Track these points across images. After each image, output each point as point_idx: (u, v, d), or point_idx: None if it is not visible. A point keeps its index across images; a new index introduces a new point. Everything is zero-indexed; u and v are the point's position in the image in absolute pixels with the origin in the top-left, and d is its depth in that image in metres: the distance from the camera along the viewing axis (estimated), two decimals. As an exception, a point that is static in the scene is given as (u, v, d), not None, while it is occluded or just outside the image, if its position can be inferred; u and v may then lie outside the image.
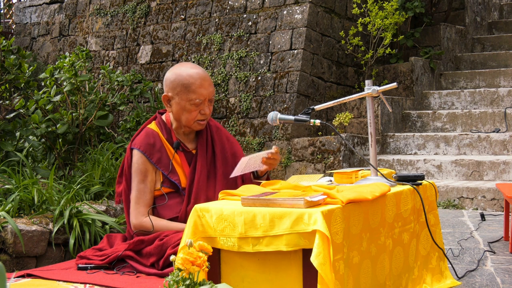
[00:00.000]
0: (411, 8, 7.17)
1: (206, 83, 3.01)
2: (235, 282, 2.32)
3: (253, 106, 6.58)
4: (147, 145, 3.02)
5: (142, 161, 3.01)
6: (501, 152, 5.94)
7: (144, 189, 3.00)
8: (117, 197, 3.14)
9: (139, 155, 3.02)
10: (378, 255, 2.50)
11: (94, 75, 7.58)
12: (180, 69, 3.03)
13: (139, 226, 2.98)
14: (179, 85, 2.99)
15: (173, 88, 3.00)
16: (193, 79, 2.98)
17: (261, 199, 2.28)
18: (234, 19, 6.99)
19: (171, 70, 3.06)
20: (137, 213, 2.99)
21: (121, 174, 3.13)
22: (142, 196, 2.99)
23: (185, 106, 2.99)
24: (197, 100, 2.98)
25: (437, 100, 7.08)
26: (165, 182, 3.01)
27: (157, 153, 3.02)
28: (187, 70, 3.01)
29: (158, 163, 3.01)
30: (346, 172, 2.83)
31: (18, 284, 2.73)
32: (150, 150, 3.01)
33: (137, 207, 2.99)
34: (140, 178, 3.00)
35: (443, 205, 5.24)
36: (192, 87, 2.97)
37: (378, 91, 2.80)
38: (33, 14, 8.98)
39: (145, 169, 3.01)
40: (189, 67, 3.03)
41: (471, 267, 3.28)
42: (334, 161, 5.91)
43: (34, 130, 5.05)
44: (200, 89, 2.98)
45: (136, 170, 3.01)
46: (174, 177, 3.02)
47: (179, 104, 3.00)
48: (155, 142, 3.04)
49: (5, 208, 3.57)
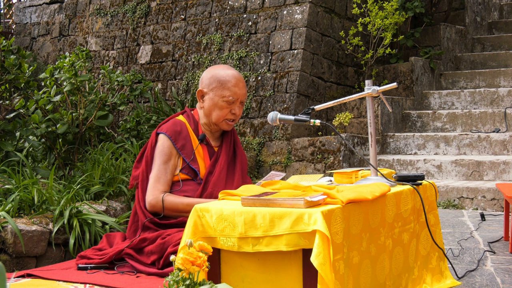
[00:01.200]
0: (411, 8, 7.17)
1: (241, 84, 3.15)
2: (235, 282, 2.32)
3: (253, 106, 6.58)
4: (174, 131, 3.13)
5: (167, 145, 3.11)
6: (501, 152, 5.94)
7: (165, 170, 3.08)
8: (133, 180, 3.21)
9: (165, 139, 3.12)
10: (378, 255, 2.50)
11: (94, 75, 7.58)
12: (218, 68, 3.18)
13: (155, 203, 3.03)
14: (215, 81, 3.12)
15: (209, 84, 3.13)
16: (229, 77, 3.12)
17: (261, 199, 2.28)
18: (234, 19, 6.99)
19: (208, 69, 3.21)
20: (155, 190, 3.05)
21: (140, 158, 3.22)
22: (162, 176, 3.07)
23: (218, 102, 3.12)
24: (231, 98, 3.11)
25: (437, 100, 7.08)
26: (185, 168, 3.10)
27: (182, 140, 3.12)
28: (224, 69, 3.16)
29: (182, 149, 3.11)
30: (346, 172, 2.83)
31: (18, 284, 2.73)
32: (176, 136, 3.12)
33: (156, 185, 3.06)
34: (164, 159, 3.09)
35: (443, 205, 5.24)
36: (228, 84, 3.11)
37: (378, 91, 2.80)
38: (33, 14, 8.98)
39: (169, 153, 3.10)
40: (226, 67, 3.18)
41: (471, 267, 3.28)
42: (334, 161, 5.91)
43: (34, 130, 5.05)
44: (234, 88, 3.12)
45: (161, 152, 3.11)
46: (194, 165, 3.11)
47: (212, 100, 3.12)
48: (182, 130, 3.15)
49: (5, 208, 3.57)
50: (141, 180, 3.14)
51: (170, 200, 3.02)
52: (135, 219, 3.14)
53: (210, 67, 3.23)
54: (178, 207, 3.01)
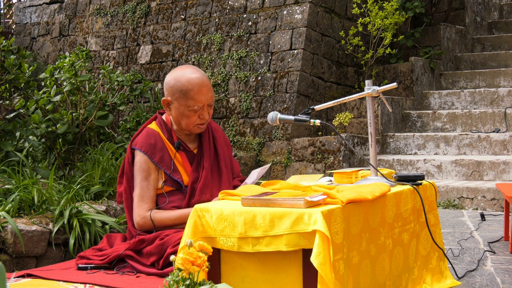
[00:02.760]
0: (411, 8, 7.17)
1: (205, 89, 3.00)
2: (235, 282, 2.32)
3: (253, 106, 6.58)
4: (148, 145, 3.03)
5: (144, 160, 3.02)
6: (501, 152, 5.94)
7: (147, 186, 3.01)
8: (119, 197, 3.15)
9: (140, 155, 3.03)
10: (378, 255, 2.50)
11: (94, 75, 7.58)
12: (179, 74, 3.02)
13: (143, 223, 2.98)
14: (177, 91, 2.99)
15: (172, 94, 3.01)
16: (191, 85, 2.98)
17: (261, 199, 2.28)
18: (234, 19, 6.99)
19: (171, 74, 3.06)
20: (140, 209, 2.99)
21: (121, 174, 3.14)
22: (145, 193, 3.01)
23: (184, 111, 3.01)
24: (196, 107, 2.99)
25: (437, 100, 7.08)
26: (167, 181, 3.03)
27: (158, 153, 3.03)
28: (186, 75, 3.00)
29: (160, 162, 3.02)
30: (346, 172, 2.83)
31: (18, 284, 2.73)
32: (151, 150, 3.03)
33: (140, 204, 3.00)
34: (143, 175, 3.02)
35: (443, 205, 5.24)
36: (191, 93, 2.98)
37: (378, 91, 2.80)
38: (33, 14, 8.98)
39: (147, 168, 3.02)
40: (189, 71, 3.02)
41: (471, 267, 3.28)
42: (334, 161, 5.91)
43: (34, 130, 5.05)
44: (198, 96, 2.99)
45: (139, 169, 3.03)
46: (176, 176, 3.03)
47: (178, 109, 3.02)
48: (156, 142, 3.05)
49: (5, 208, 3.57)
50: (125, 199, 3.08)
51: (158, 218, 2.96)
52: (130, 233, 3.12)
53: (172, 71, 3.09)
54: (167, 223, 2.97)
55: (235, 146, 6.58)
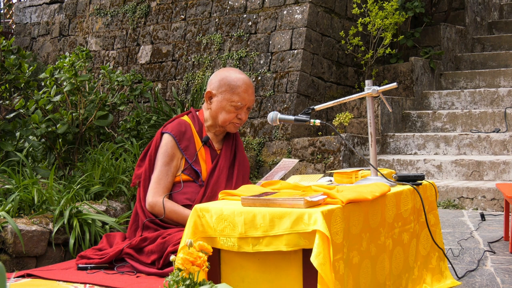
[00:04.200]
0: (411, 8, 7.17)
1: (250, 90, 3.15)
2: (235, 282, 2.32)
3: (253, 106, 6.59)
4: (179, 131, 3.13)
5: (171, 145, 3.11)
6: (501, 152, 5.94)
7: (167, 172, 3.08)
8: (135, 178, 3.21)
9: (169, 139, 3.12)
10: (378, 255, 2.50)
11: (94, 75, 7.58)
12: (229, 72, 3.16)
13: (154, 205, 3.04)
14: (225, 84, 3.11)
15: (218, 87, 3.12)
16: (240, 82, 3.11)
17: (261, 199, 2.28)
18: (234, 19, 6.99)
19: (218, 72, 3.19)
20: (155, 192, 3.06)
21: (143, 158, 3.22)
22: (164, 178, 3.08)
23: (226, 106, 3.11)
24: (239, 103, 3.11)
25: (437, 100, 7.08)
26: (187, 169, 3.11)
27: (186, 141, 3.12)
28: (235, 73, 3.15)
29: (185, 150, 3.11)
30: (346, 172, 2.83)
31: (18, 284, 2.73)
32: (180, 136, 3.12)
33: (156, 187, 3.07)
34: (166, 160, 3.09)
35: (443, 205, 5.24)
36: (238, 89, 3.10)
37: (378, 91, 2.80)
38: (33, 14, 8.98)
39: (172, 153, 3.10)
40: (237, 72, 3.17)
41: (471, 267, 3.28)
42: (334, 161, 5.91)
43: (34, 130, 5.05)
44: (244, 94, 3.11)
45: (164, 153, 3.10)
46: (197, 166, 3.11)
47: (220, 103, 3.12)
48: (186, 130, 3.15)
49: (5, 208, 3.57)
50: (143, 179, 3.15)
51: (169, 207, 3.03)
52: (135, 218, 3.15)
53: (221, 69, 3.22)
54: (172, 217, 3.03)
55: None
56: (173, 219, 3.04)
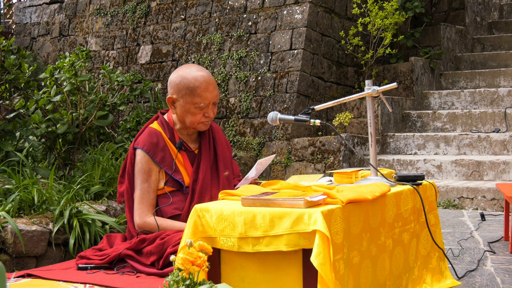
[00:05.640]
0: (411, 8, 7.17)
1: (211, 86, 3.02)
2: (235, 282, 2.32)
3: (253, 106, 6.58)
4: (151, 144, 3.03)
5: (145, 160, 3.02)
6: (501, 152, 5.94)
7: (148, 189, 3.01)
8: (119, 196, 3.15)
9: (142, 154, 3.03)
10: (378, 255, 2.50)
11: (94, 75, 7.58)
12: (185, 72, 3.03)
13: (143, 226, 3.00)
14: (184, 88, 3.00)
15: (178, 91, 3.02)
16: (198, 82, 2.99)
17: (261, 199, 2.28)
18: (234, 19, 6.99)
19: (176, 72, 3.07)
20: (141, 212, 3.01)
21: (123, 174, 3.14)
22: (145, 196, 3.01)
23: (190, 109, 3.01)
24: (202, 104, 3.01)
25: (437, 100, 7.08)
26: (169, 181, 3.04)
27: (160, 152, 3.03)
28: (192, 73, 3.02)
29: (162, 162, 3.02)
30: (346, 172, 2.83)
31: (18, 284, 2.73)
32: (153, 149, 3.03)
33: (141, 207, 3.01)
34: (144, 177, 3.02)
35: (443, 205, 5.24)
36: (198, 90, 2.99)
37: (378, 91, 2.80)
38: (33, 14, 8.98)
39: (148, 169, 3.02)
40: (195, 69, 3.04)
41: (471, 267, 3.28)
42: (334, 161, 5.91)
43: (34, 130, 5.05)
44: (205, 93, 3.00)
45: (140, 170, 3.03)
46: (178, 176, 3.04)
47: (183, 106, 3.02)
48: (158, 141, 3.05)
49: (5, 208, 3.57)
50: (126, 199, 3.09)
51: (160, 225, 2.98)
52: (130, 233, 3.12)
53: (177, 69, 3.10)
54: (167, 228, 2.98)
55: (235, 146, 6.58)
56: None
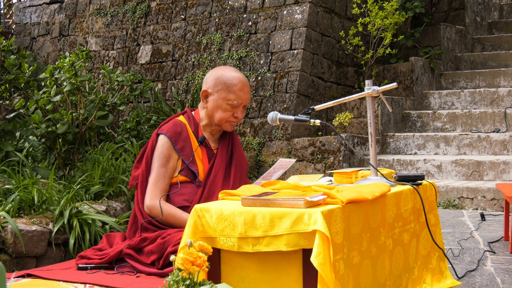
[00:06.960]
0: (411, 8, 7.17)
1: (246, 88, 3.14)
2: (235, 282, 2.32)
3: (253, 106, 6.58)
4: (174, 132, 3.12)
5: (167, 146, 3.10)
6: (501, 152, 5.94)
7: (164, 174, 3.08)
8: (132, 180, 3.21)
9: (165, 140, 3.11)
10: (378, 255, 2.50)
11: (94, 75, 7.58)
12: (224, 70, 3.16)
13: (152, 207, 3.05)
14: (221, 83, 3.10)
15: (214, 85, 3.12)
16: (236, 81, 3.10)
17: (261, 199, 2.28)
18: (234, 19, 6.99)
19: (214, 70, 3.18)
20: (153, 194, 3.06)
21: (140, 159, 3.21)
22: (161, 180, 3.08)
23: (222, 105, 3.11)
24: (235, 102, 3.10)
25: (437, 100, 7.08)
26: (184, 170, 3.10)
27: (182, 142, 3.12)
28: (231, 72, 3.14)
29: (182, 151, 3.10)
30: (346, 172, 2.83)
31: (18, 284, 2.73)
32: (176, 137, 3.11)
33: (154, 189, 3.07)
34: (162, 162, 3.09)
35: (443, 205, 5.24)
36: (234, 88, 3.09)
37: (378, 91, 2.80)
38: (33, 14, 8.97)
39: (168, 155, 3.10)
40: (233, 70, 3.17)
41: (471, 267, 3.28)
42: (334, 161, 5.91)
43: (34, 130, 5.05)
44: (240, 92, 3.10)
45: (160, 154, 3.10)
46: (193, 167, 3.10)
47: (216, 101, 3.11)
48: (182, 131, 3.14)
49: (5, 208, 3.57)
50: (140, 181, 3.14)
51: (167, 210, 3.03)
52: (135, 220, 3.15)
53: (216, 68, 3.22)
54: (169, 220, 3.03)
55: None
56: (170, 222, 3.03)
